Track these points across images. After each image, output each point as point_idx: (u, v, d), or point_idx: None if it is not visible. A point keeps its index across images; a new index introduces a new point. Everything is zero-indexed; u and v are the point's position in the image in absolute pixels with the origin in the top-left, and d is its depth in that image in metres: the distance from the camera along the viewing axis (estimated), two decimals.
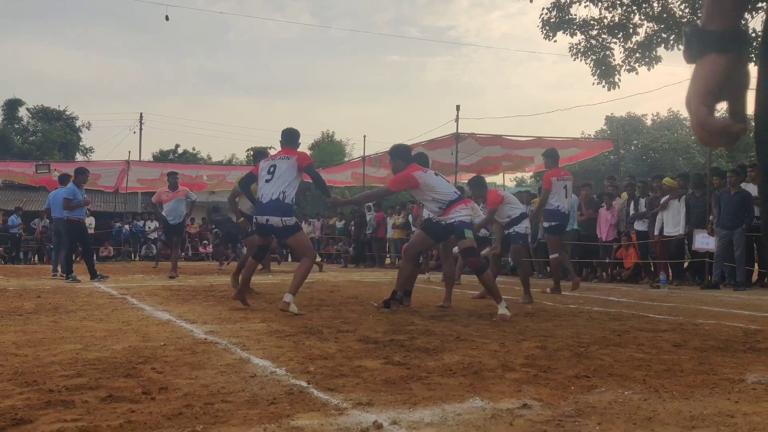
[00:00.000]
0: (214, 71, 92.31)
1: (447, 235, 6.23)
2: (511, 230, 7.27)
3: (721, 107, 1.07)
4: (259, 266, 16.05)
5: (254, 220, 5.98)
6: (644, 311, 6.33)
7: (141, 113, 36.72)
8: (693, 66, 1.06)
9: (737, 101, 1.04)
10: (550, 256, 8.93)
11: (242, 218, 8.23)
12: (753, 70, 1.07)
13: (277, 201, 5.78)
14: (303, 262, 6.04)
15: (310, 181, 6.44)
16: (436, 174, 6.16)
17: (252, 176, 6.32)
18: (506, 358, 3.65)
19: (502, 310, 5.56)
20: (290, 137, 6.18)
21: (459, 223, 5.83)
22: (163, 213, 11.64)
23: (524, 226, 7.29)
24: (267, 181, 5.89)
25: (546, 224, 8.76)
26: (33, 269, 15.56)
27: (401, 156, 6.18)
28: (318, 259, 12.81)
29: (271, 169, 5.90)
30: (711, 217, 10.06)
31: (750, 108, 1.05)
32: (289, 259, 20.67)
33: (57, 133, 43.85)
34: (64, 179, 11.78)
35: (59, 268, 11.40)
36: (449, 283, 6.85)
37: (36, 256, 21.17)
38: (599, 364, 3.48)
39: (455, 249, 6.57)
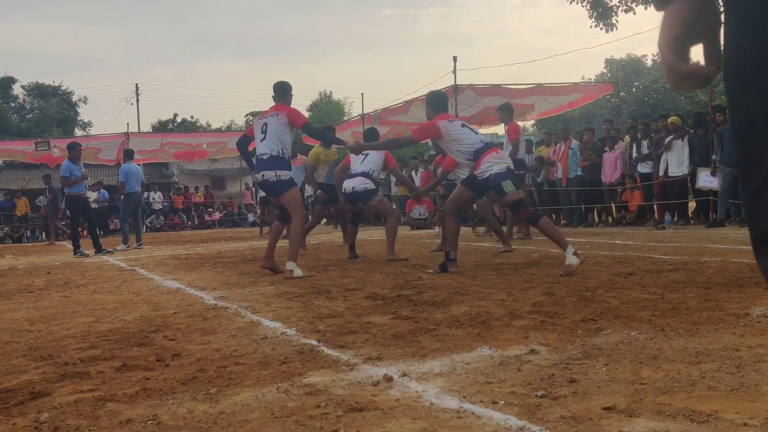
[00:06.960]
0: (203, 35, 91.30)
1: (486, 190, 5.82)
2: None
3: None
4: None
5: (255, 179, 6.10)
6: (650, 252, 6.34)
7: (136, 84, 36.35)
8: (662, 13, 1.10)
9: (709, 43, 1.08)
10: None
11: (320, 191, 8.72)
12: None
13: (276, 157, 5.83)
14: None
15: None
16: (463, 125, 5.68)
17: (246, 138, 6.42)
18: (513, 307, 3.68)
19: (569, 258, 5.00)
20: (281, 91, 6.10)
21: (494, 177, 5.33)
22: None
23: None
24: (261, 140, 5.91)
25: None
26: (41, 247, 15.66)
27: (432, 103, 5.85)
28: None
29: (264, 128, 5.91)
30: (714, 157, 9.99)
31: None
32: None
33: (54, 109, 43.67)
34: (129, 154, 12.59)
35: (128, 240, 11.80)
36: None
37: (43, 233, 21.25)
38: (605, 307, 3.51)
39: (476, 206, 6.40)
